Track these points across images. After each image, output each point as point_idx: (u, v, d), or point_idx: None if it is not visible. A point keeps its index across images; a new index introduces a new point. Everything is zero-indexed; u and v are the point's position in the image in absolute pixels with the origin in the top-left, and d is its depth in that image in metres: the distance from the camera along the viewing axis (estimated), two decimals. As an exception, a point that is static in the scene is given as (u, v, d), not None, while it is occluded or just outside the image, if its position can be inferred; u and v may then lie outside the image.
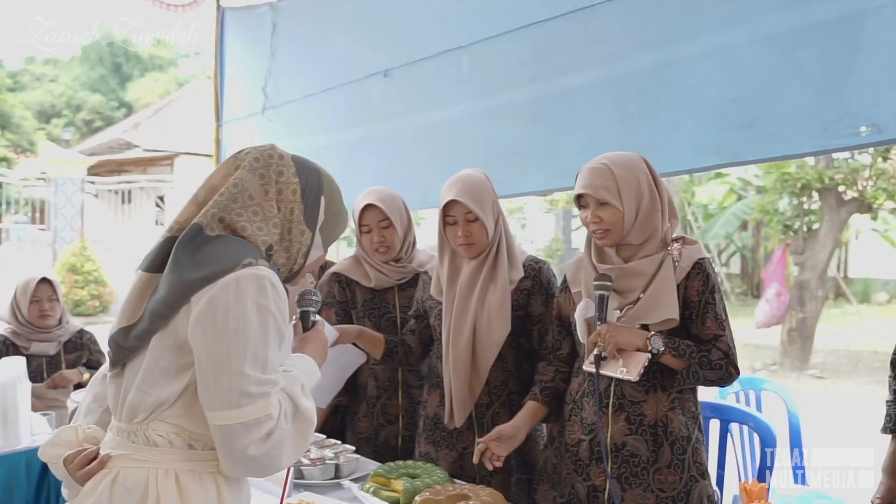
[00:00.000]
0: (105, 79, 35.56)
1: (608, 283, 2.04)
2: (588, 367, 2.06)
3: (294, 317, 1.76)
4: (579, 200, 2.11)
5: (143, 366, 1.40)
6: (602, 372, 2.00)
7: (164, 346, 1.39)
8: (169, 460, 1.40)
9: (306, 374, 1.53)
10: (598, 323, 2.02)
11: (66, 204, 15.12)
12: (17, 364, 2.84)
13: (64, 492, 1.60)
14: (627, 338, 1.98)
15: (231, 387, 1.32)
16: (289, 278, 1.56)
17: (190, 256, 1.39)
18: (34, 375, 3.45)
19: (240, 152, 1.55)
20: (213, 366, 1.34)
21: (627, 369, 1.96)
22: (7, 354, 3.47)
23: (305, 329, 1.76)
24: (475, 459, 2.16)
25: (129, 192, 17.84)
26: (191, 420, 1.40)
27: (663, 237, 2.08)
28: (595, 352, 2.00)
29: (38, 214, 17.84)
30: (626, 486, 2.04)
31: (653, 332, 1.98)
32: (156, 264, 1.46)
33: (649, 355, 1.96)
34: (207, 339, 1.34)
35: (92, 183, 17.05)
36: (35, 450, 2.79)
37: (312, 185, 1.55)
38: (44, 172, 16.59)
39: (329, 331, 2.44)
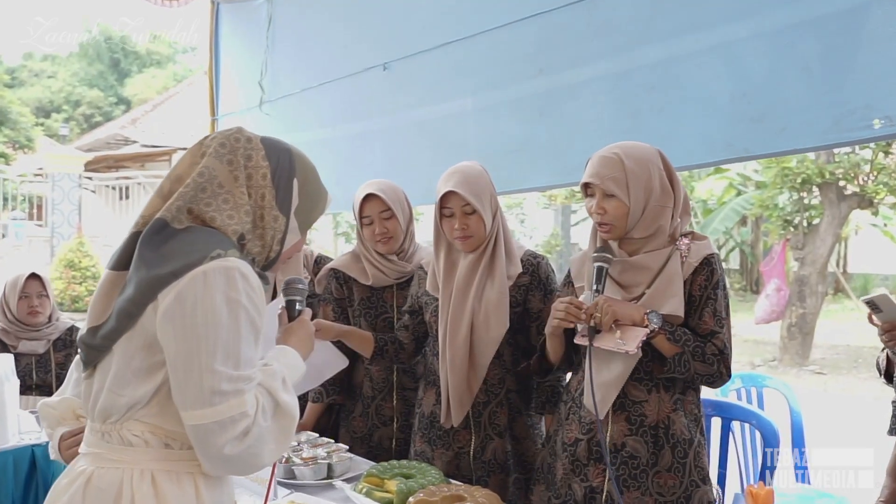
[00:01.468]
0: (103, 74, 35.53)
1: (608, 256, 1.98)
2: (581, 340, 1.99)
3: (280, 306, 1.70)
4: (586, 189, 2.04)
5: (114, 367, 1.34)
6: (598, 345, 1.93)
7: (135, 346, 1.33)
8: (144, 460, 1.34)
9: (288, 368, 1.46)
10: (595, 295, 1.95)
11: (63, 200, 15.05)
12: (4, 362, 2.78)
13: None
14: (625, 310, 1.91)
15: (202, 385, 1.26)
16: (266, 266, 1.49)
17: (155, 251, 1.33)
18: (23, 375, 3.40)
19: (205, 138, 1.47)
20: (183, 363, 1.28)
21: (625, 342, 1.89)
22: (-4, 354, 3.41)
23: (291, 318, 1.69)
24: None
25: (127, 188, 17.76)
26: (166, 419, 1.34)
27: (672, 232, 2.01)
28: (591, 323, 1.93)
29: (35, 211, 17.76)
30: (623, 489, 1.97)
31: (651, 310, 1.91)
32: (122, 261, 1.39)
33: (647, 330, 1.89)
34: (176, 336, 1.28)
35: (89, 179, 16.99)
36: (24, 448, 2.79)
37: (283, 166, 1.47)
38: (41, 168, 16.52)
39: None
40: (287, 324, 1.67)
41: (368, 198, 2.61)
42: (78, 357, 1.56)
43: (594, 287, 1.96)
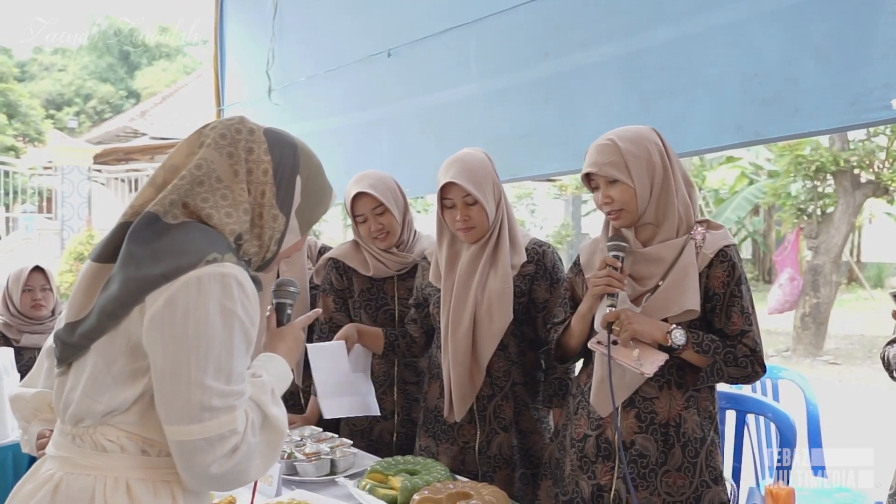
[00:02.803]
0: (113, 67, 35.57)
1: (623, 245, 1.90)
2: (595, 345, 1.91)
3: (269, 307, 1.62)
4: (590, 182, 1.97)
5: (92, 369, 1.25)
6: (614, 355, 1.85)
7: (117, 349, 1.23)
8: (119, 467, 1.25)
9: (277, 378, 1.38)
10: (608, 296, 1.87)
11: (72, 192, 15.05)
12: (4, 356, 2.74)
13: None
14: (646, 329, 1.84)
15: (191, 400, 1.17)
16: (262, 266, 1.40)
17: (145, 248, 1.23)
18: (25, 368, 3.34)
19: (205, 127, 1.37)
20: (170, 376, 1.18)
21: (642, 362, 1.81)
22: (-2, 347, 3.37)
23: (280, 323, 1.59)
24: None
25: (137, 181, 17.75)
26: (146, 427, 1.25)
27: (685, 217, 1.93)
28: (609, 331, 1.84)
29: (45, 204, 17.80)
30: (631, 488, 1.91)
31: (674, 326, 1.84)
32: (106, 253, 1.29)
33: (667, 356, 1.82)
34: (164, 346, 1.18)
35: (99, 171, 17.00)
36: (23, 444, 2.74)
37: (286, 162, 1.37)
38: (50, 162, 16.54)
39: (337, 350, 2.31)
40: (274, 328, 1.57)
41: (359, 196, 2.52)
42: (48, 345, 1.48)
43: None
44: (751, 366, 1.86)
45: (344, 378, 2.30)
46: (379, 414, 2.45)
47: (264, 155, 1.35)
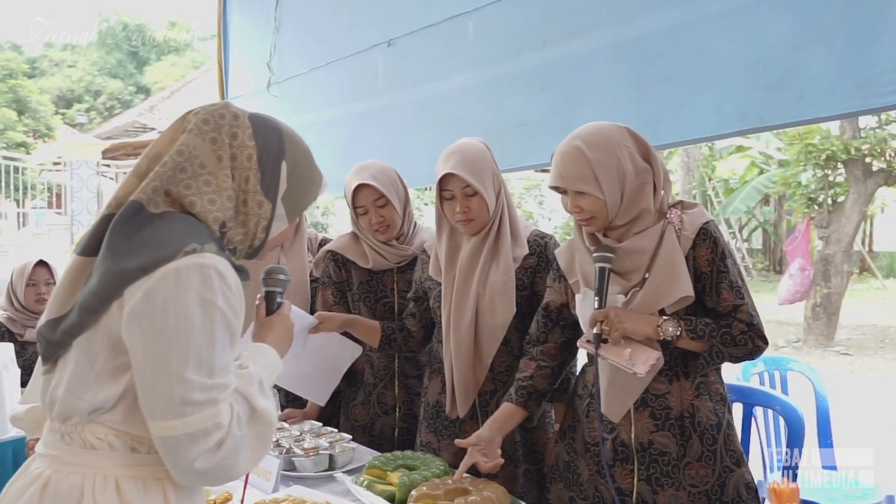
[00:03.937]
0: (122, 63, 35.70)
1: (609, 255, 1.83)
2: (584, 344, 1.86)
3: (258, 296, 1.59)
4: (557, 186, 1.89)
5: (75, 367, 1.22)
6: (605, 355, 1.80)
7: (99, 345, 1.20)
8: (108, 465, 1.22)
9: (265, 368, 1.35)
10: (596, 299, 1.81)
11: (81, 188, 15.10)
12: (4, 350, 2.72)
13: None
14: (636, 325, 1.78)
15: (172, 394, 1.14)
16: (250, 255, 1.37)
17: (126, 240, 1.21)
18: (29, 363, 3.34)
19: (188, 113, 1.34)
20: (151, 370, 1.16)
21: (634, 361, 1.76)
22: (2, 341, 3.36)
23: (270, 311, 1.57)
24: (457, 476, 1.95)
25: (145, 175, 17.84)
26: (133, 424, 1.23)
27: (659, 207, 1.86)
28: (595, 330, 1.80)
29: (55, 199, 17.88)
30: (657, 488, 1.85)
31: (664, 318, 1.78)
32: (91, 247, 1.26)
33: (660, 353, 1.78)
34: (144, 340, 1.16)
35: (108, 166, 17.07)
36: (23, 439, 2.73)
37: (271, 148, 1.34)
38: (60, 157, 16.61)
39: (302, 317, 2.27)
40: (263, 318, 1.54)
41: (360, 187, 2.48)
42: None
43: (596, 289, 1.82)
44: (750, 341, 1.81)
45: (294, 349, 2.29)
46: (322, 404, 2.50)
47: (248, 140, 1.32)
